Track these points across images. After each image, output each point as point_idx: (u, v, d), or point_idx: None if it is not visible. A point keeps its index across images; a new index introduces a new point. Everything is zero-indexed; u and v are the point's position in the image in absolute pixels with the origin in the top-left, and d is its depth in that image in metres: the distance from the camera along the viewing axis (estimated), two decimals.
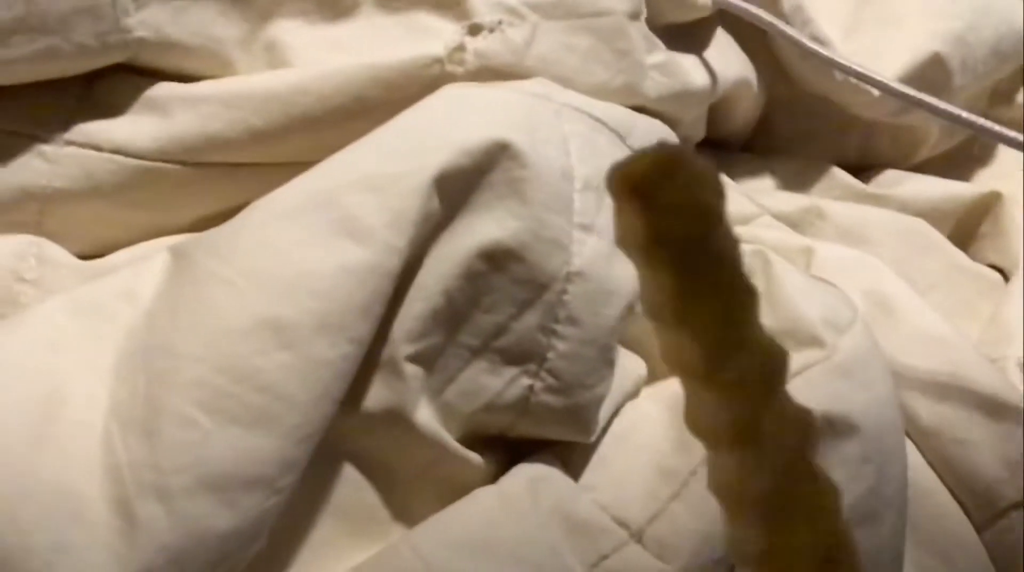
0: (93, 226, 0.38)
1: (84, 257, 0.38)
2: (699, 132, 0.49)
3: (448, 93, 0.36)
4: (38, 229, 0.38)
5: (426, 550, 0.32)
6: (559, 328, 0.34)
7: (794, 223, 0.52)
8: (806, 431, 0.17)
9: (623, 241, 0.16)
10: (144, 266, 0.34)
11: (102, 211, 0.38)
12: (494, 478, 0.35)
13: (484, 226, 0.34)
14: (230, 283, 0.31)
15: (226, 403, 0.29)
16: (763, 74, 0.52)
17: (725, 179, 0.50)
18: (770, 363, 0.17)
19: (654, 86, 0.43)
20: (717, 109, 0.50)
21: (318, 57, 0.41)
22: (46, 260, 0.36)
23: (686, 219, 0.15)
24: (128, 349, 0.31)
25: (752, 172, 0.57)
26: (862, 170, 0.58)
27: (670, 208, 0.15)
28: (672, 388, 0.39)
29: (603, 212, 0.36)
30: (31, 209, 0.37)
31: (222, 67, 0.40)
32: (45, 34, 0.36)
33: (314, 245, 0.32)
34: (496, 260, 0.34)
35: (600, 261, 0.35)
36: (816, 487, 0.17)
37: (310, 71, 0.39)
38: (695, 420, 0.17)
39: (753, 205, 0.50)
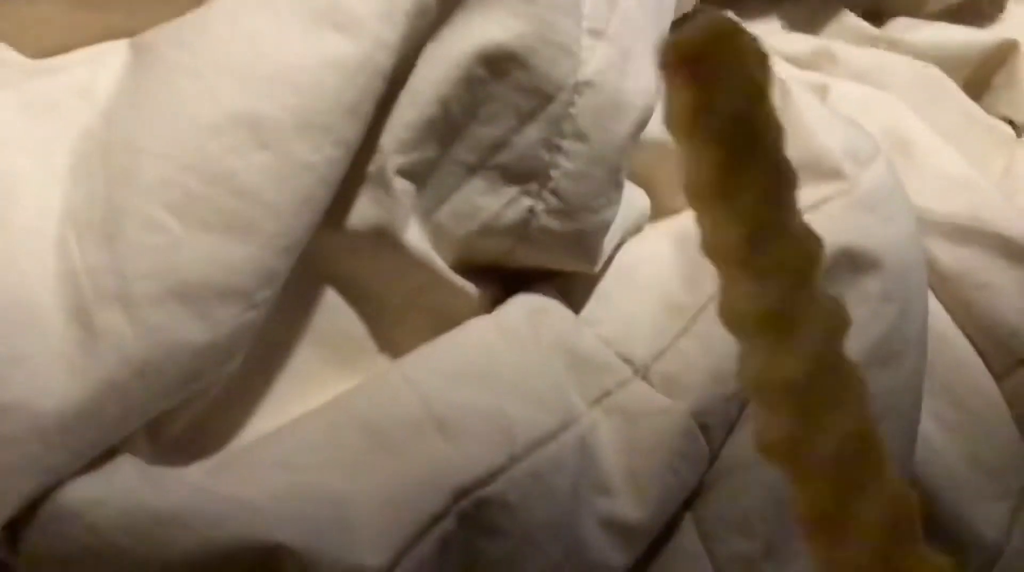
0: (42, 27, 0.34)
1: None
2: None
3: None
4: None
5: (419, 378, 0.29)
6: (565, 144, 0.31)
7: (804, 66, 0.49)
8: (837, 321, 0.17)
9: (671, 112, 0.15)
10: (101, 61, 0.30)
11: (52, 10, 0.34)
12: (487, 311, 0.33)
13: (485, 26, 0.30)
14: (199, 75, 0.28)
15: (197, 206, 0.26)
16: None
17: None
18: (807, 250, 0.16)
19: None
20: None
21: None
22: None
23: (735, 93, 0.15)
24: (84, 150, 0.28)
25: (760, 14, 0.53)
26: (872, 18, 0.55)
27: (721, 81, 0.15)
28: (679, 223, 0.37)
29: (615, 17, 0.32)
30: None
31: None
32: None
33: (295, 35, 0.28)
34: (497, 65, 0.31)
35: (611, 71, 0.32)
36: (844, 377, 0.17)
37: None
38: (730, 307, 0.16)
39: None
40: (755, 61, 0.15)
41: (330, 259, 0.30)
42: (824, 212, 0.35)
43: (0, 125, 0.28)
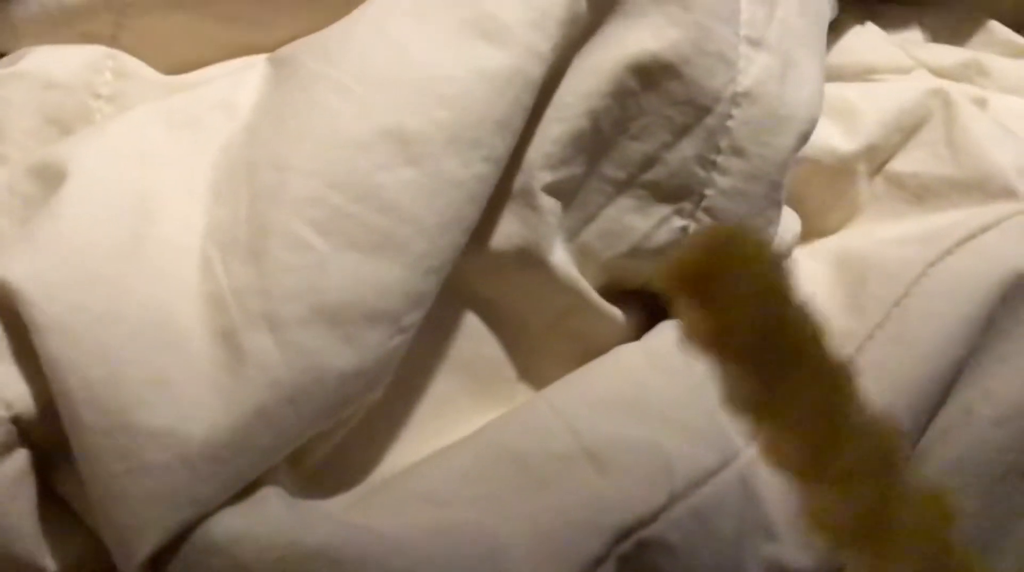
0: (174, 42, 0.34)
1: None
2: None
3: None
4: (113, 43, 0.34)
5: (567, 409, 0.28)
6: (721, 159, 0.30)
7: (953, 79, 0.47)
8: (942, 509, 0.15)
9: (689, 339, 0.14)
10: (242, 76, 0.30)
11: (184, 24, 0.34)
12: (633, 337, 0.31)
13: (637, 35, 0.29)
14: (345, 88, 0.27)
15: (344, 224, 0.26)
16: None
17: (873, 29, 0.45)
18: (884, 440, 0.15)
19: None
20: None
21: None
22: (124, 74, 0.32)
23: (754, 307, 0.14)
24: (227, 165, 0.28)
25: (900, 24, 0.51)
26: (1020, 29, 0.53)
27: (735, 298, 0.14)
28: (834, 245, 0.35)
29: (774, 24, 0.31)
30: (106, 20, 0.33)
31: None
32: None
33: (443, 45, 0.27)
34: (650, 76, 0.29)
35: (771, 81, 0.30)
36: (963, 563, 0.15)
37: None
38: (815, 518, 0.15)
39: (908, 57, 0.45)
40: (767, 264, 0.14)
41: (471, 281, 0.29)
42: (1000, 231, 0.33)
43: (142, 140, 0.28)
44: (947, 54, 0.48)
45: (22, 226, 0.26)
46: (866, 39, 0.43)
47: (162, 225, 0.26)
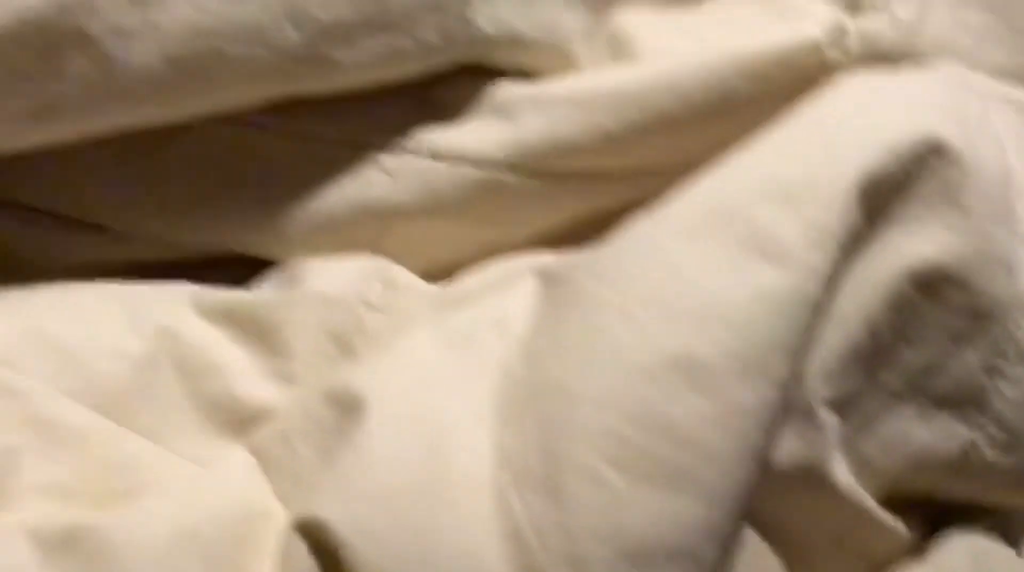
0: (433, 243, 0.36)
1: (423, 277, 0.36)
2: None
3: (858, 84, 0.32)
4: (376, 247, 0.35)
5: None
6: (1008, 368, 0.29)
7: None
8: None
9: None
10: (511, 293, 0.31)
11: (443, 227, 0.36)
12: (914, 549, 0.31)
13: (914, 243, 0.29)
14: (627, 314, 0.28)
15: (637, 457, 0.26)
16: None
17: None
18: None
19: None
20: None
21: (668, 47, 0.37)
22: (393, 284, 0.34)
23: None
24: (508, 389, 0.28)
25: None
26: None
27: None
28: None
29: None
30: (370, 226, 0.35)
31: (565, 63, 0.37)
32: (389, 32, 0.34)
33: (724, 268, 0.28)
34: (930, 285, 0.29)
35: None
36: None
37: (666, 64, 0.35)
38: None
39: None
40: None
41: (754, 500, 0.29)
42: None
43: (427, 364, 0.29)
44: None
45: (324, 457, 0.28)
46: None
47: (457, 456, 0.27)
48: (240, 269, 0.36)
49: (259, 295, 0.34)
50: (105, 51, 0.31)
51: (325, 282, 0.33)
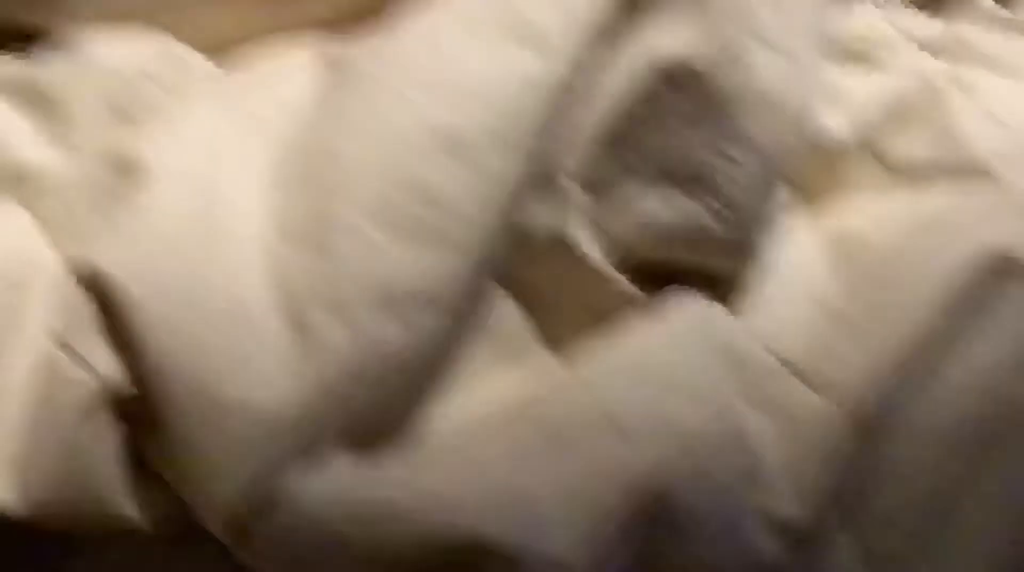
0: (215, 22, 0.37)
1: (204, 54, 0.37)
2: None
3: None
4: (158, 23, 0.36)
5: (595, 381, 0.32)
6: (736, 152, 0.34)
7: (937, 52, 0.50)
8: None
9: None
10: (293, 74, 0.33)
11: (225, 6, 0.37)
12: (643, 305, 0.35)
13: (662, 38, 0.33)
14: (399, 92, 0.30)
15: (401, 217, 0.29)
16: None
17: None
18: None
19: None
20: None
21: None
22: (175, 59, 0.35)
23: None
24: (284, 157, 0.31)
25: None
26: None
27: None
28: (830, 225, 0.39)
29: (779, 20, 0.34)
30: (150, 4, 0.36)
31: None
32: None
33: (488, 52, 0.31)
34: (672, 77, 0.33)
35: (779, 79, 0.34)
36: None
37: None
38: None
39: (892, 28, 0.48)
40: None
41: (507, 265, 0.33)
42: (968, 208, 0.36)
43: (210, 136, 0.31)
44: (928, 26, 0.51)
45: (102, 214, 0.30)
46: (857, 10, 0.46)
47: (228, 214, 0.30)
48: (18, 41, 0.36)
49: (41, 64, 0.34)
50: None
51: (108, 55, 0.34)
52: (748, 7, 0.34)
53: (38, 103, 0.34)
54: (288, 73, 0.33)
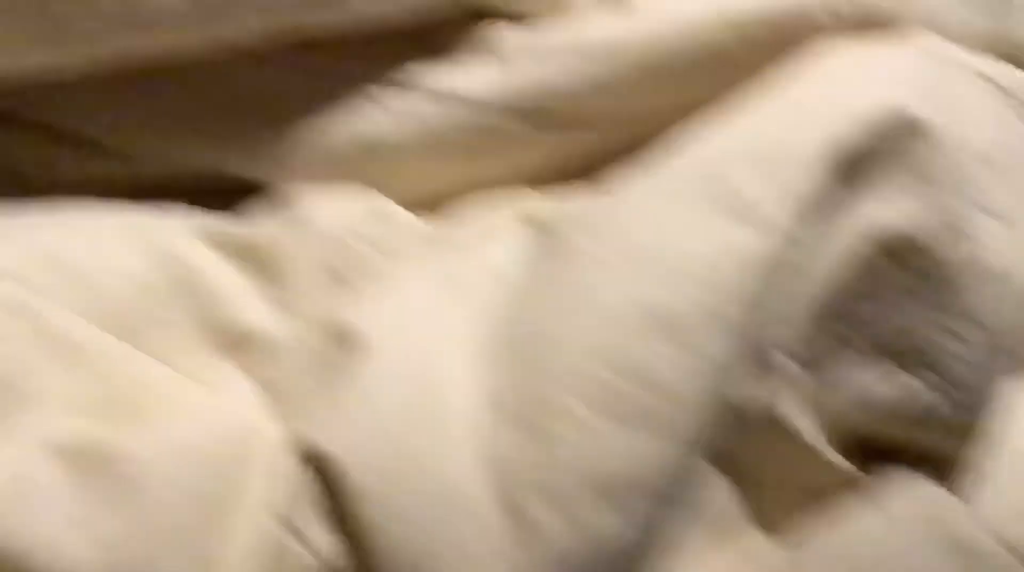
0: (424, 177, 0.38)
1: (413, 208, 0.38)
2: None
3: (837, 55, 0.34)
4: (369, 178, 0.38)
5: (807, 562, 0.31)
6: (960, 328, 0.32)
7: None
8: None
9: None
10: (503, 238, 0.33)
11: (435, 162, 0.38)
12: (856, 485, 0.34)
13: (881, 210, 0.32)
14: (608, 267, 0.30)
15: (617, 401, 0.29)
16: None
17: None
18: None
19: None
20: None
21: (665, 3, 0.39)
22: (388, 220, 0.36)
23: None
24: (496, 331, 0.31)
25: None
26: None
27: None
28: None
29: (1002, 188, 0.33)
30: (365, 158, 0.37)
31: (558, 7, 0.38)
32: None
33: (699, 226, 0.30)
34: (892, 249, 0.32)
35: (1002, 249, 0.32)
36: None
37: (660, 18, 0.37)
38: None
39: None
40: None
41: (715, 439, 0.32)
42: None
43: (422, 304, 0.32)
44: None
45: (322, 387, 0.30)
46: None
47: (444, 391, 0.30)
48: (235, 195, 0.38)
49: (259, 225, 0.36)
50: None
51: (322, 215, 0.35)
52: (969, 175, 0.33)
53: (255, 262, 0.35)
54: (495, 235, 0.34)
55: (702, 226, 0.31)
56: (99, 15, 0.32)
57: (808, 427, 0.32)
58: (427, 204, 0.38)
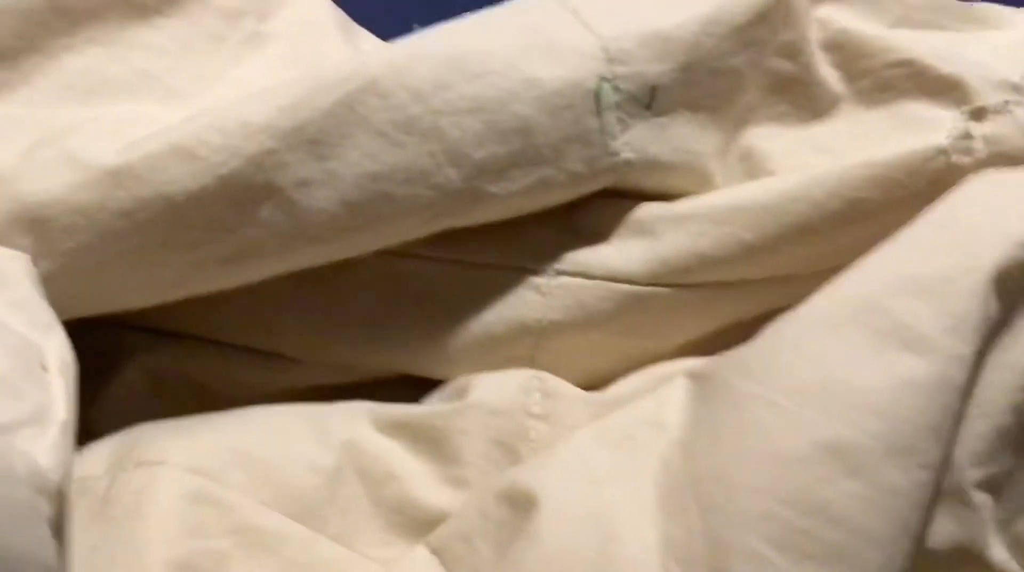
0: (585, 355, 0.39)
1: (577, 386, 0.39)
2: None
3: (985, 182, 0.34)
4: (531, 363, 0.39)
5: None
6: None
7: None
8: None
9: None
10: (664, 393, 0.34)
11: (594, 340, 0.39)
12: None
13: None
14: (776, 405, 0.30)
15: (798, 539, 0.28)
16: None
17: None
18: None
19: None
20: None
21: (800, 162, 0.40)
22: (552, 393, 0.37)
23: None
24: (669, 481, 0.31)
25: None
26: None
27: None
28: None
29: None
30: (526, 343, 0.39)
31: (701, 182, 0.40)
32: (539, 165, 0.38)
33: (866, 357, 0.30)
34: None
35: None
36: None
37: (799, 177, 0.39)
38: None
39: None
40: None
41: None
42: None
43: (589, 461, 0.32)
44: None
45: (501, 552, 0.31)
46: None
47: (623, 544, 0.30)
48: (408, 388, 0.40)
49: (430, 408, 0.38)
50: (292, 200, 0.36)
51: (489, 394, 0.36)
52: None
53: (429, 444, 0.37)
54: (658, 392, 0.34)
55: (869, 356, 0.31)
56: (263, 228, 0.35)
57: (1001, 553, 0.31)
58: (593, 381, 0.39)
